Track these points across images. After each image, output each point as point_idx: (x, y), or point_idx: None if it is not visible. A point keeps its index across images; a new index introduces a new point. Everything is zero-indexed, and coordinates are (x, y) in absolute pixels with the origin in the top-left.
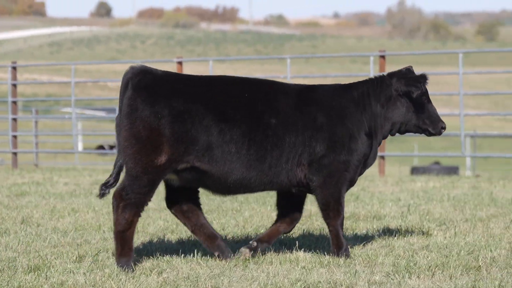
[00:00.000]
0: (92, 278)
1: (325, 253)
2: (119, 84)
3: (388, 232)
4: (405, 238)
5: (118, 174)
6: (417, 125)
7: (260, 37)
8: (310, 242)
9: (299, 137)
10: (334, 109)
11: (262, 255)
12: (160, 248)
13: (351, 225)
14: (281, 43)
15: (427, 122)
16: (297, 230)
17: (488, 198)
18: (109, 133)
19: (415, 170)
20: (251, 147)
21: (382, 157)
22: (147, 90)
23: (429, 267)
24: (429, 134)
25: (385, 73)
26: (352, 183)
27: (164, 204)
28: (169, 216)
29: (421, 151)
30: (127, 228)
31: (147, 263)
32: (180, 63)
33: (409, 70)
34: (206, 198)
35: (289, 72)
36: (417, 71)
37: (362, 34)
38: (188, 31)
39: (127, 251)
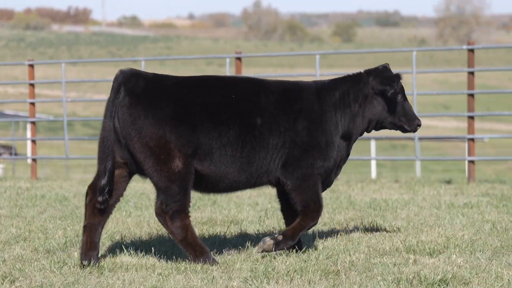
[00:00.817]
0: None
1: (182, 259)
2: None
3: (245, 237)
4: None
5: (111, 178)
6: (392, 123)
7: (113, 38)
8: (167, 249)
9: (281, 138)
10: (315, 112)
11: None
12: (12, 256)
13: (208, 230)
14: (135, 44)
15: (402, 120)
16: (154, 236)
17: (346, 201)
18: None
19: None
20: (244, 149)
21: None
22: (145, 96)
23: (288, 272)
24: (404, 131)
25: (362, 71)
26: (328, 185)
27: (16, 211)
28: (21, 223)
29: None
30: (185, 233)
31: None
32: (31, 66)
33: (385, 68)
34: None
35: None
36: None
37: (217, 36)
38: (40, 33)
39: (200, 250)
